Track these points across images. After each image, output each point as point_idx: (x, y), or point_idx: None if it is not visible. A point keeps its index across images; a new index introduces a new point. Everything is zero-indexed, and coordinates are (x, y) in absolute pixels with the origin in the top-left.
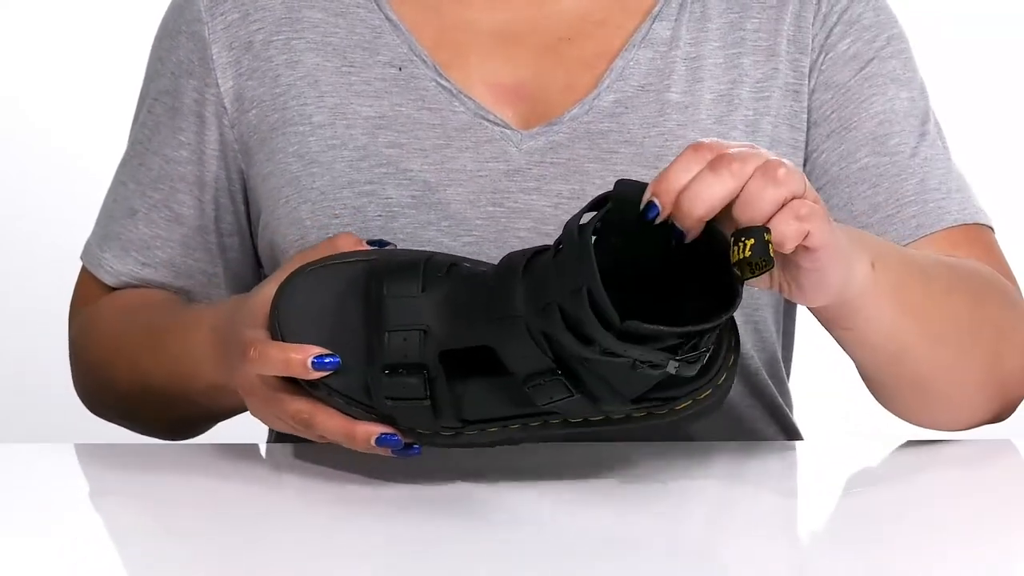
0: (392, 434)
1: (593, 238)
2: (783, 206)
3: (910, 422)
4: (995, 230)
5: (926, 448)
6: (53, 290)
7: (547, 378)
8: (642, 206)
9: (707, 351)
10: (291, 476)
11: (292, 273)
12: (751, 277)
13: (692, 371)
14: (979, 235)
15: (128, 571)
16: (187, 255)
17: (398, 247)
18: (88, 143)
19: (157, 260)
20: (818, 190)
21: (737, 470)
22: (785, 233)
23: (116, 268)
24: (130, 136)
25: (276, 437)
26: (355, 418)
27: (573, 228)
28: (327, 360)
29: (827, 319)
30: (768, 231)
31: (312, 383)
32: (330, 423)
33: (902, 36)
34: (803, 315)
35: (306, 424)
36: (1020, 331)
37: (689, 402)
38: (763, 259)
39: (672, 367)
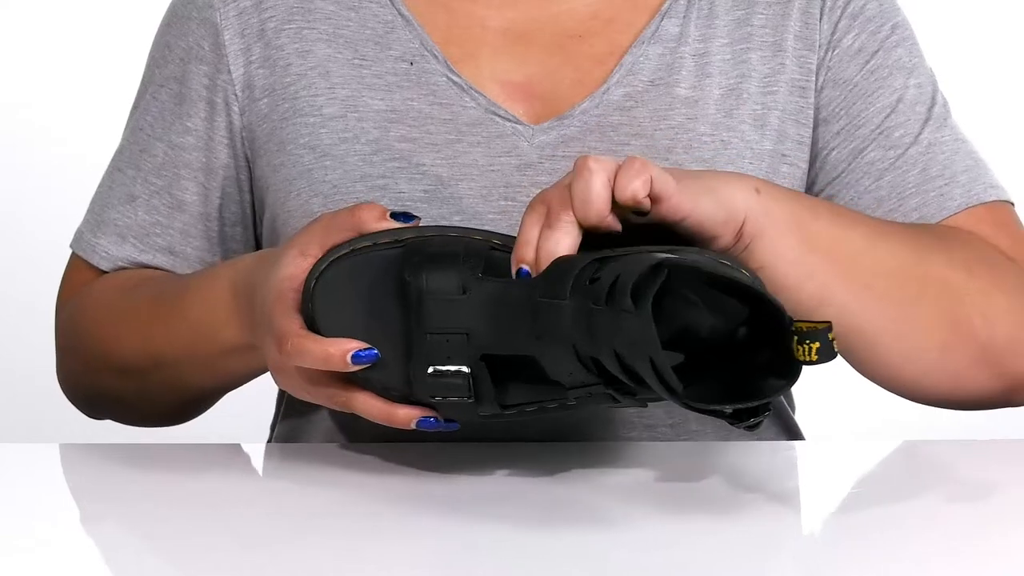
0: (432, 417)
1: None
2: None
3: (894, 389)
4: (1013, 203)
5: (928, 448)
6: (53, 288)
7: (594, 390)
8: (513, 273)
9: (768, 412)
10: (285, 477)
11: (321, 261)
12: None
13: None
14: (986, 215)
15: (116, 574)
16: (186, 243)
17: (421, 220)
18: (89, 143)
19: (156, 247)
20: (828, 186)
21: (737, 470)
22: (625, 194)
23: (113, 253)
24: (128, 123)
25: (274, 438)
26: (393, 401)
27: (626, 291)
28: (365, 354)
29: (741, 261)
30: (831, 329)
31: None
32: (369, 406)
33: (906, 23)
34: None
35: (344, 406)
36: (995, 297)
37: None
38: (830, 358)
39: (734, 424)
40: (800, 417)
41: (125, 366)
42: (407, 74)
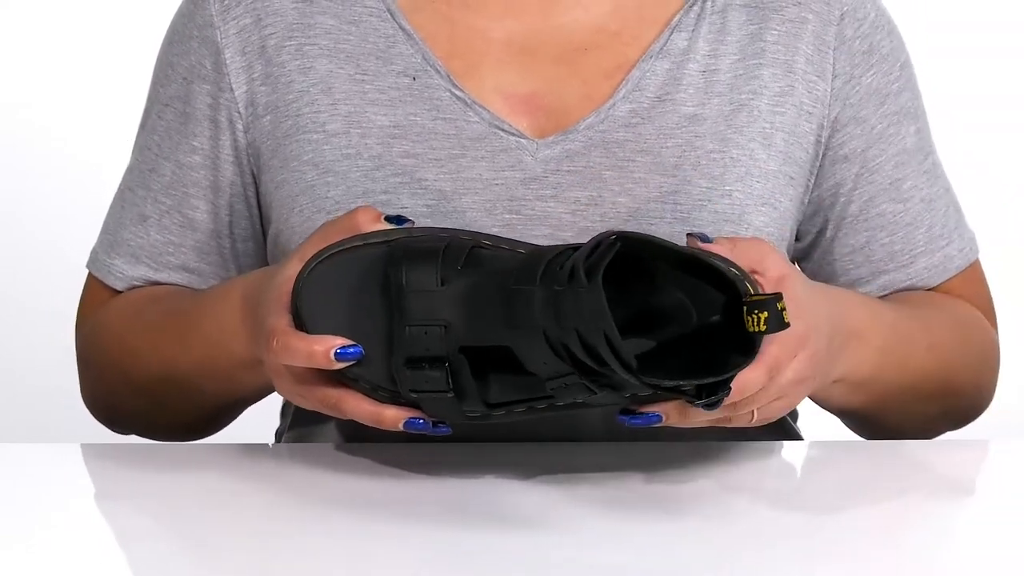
0: (420, 418)
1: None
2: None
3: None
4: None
5: (926, 449)
6: (53, 287)
7: (568, 380)
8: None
9: (727, 392)
10: (298, 476)
11: (312, 259)
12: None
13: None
14: (971, 273)
15: (134, 571)
16: (200, 260)
17: (416, 223)
18: (89, 143)
19: (170, 266)
20: (839, 224)
21: (737, 470)
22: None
23: (127, 273)
24: (137, 143)
25: (285, 438)
26: (381, 402)
27: (579, 267)
28: (350, 351)
29: None
30: (780, 299)
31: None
32: (358, 408)
33: (909, 61)
34: None
35: (334, 408)
36: (987, 379)
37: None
38: (779, 328)
39: (693, 402)
40: (800, 420)
41: (143, 381)
42: (410, 89)
